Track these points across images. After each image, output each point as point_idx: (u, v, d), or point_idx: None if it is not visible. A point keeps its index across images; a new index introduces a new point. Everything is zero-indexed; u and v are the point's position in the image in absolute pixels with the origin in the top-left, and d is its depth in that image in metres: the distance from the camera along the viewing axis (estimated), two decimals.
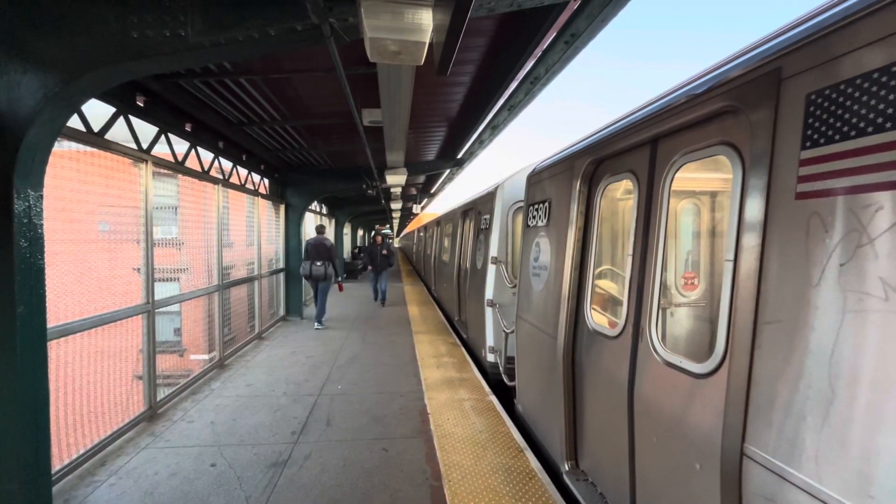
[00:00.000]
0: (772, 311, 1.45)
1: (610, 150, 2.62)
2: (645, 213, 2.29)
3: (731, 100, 1.68)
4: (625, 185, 2.70)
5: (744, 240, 1.57)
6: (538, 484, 3.12)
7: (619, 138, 2.49)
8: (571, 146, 3.26)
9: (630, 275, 2.37)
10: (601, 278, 3.02)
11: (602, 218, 2.87)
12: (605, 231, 3.01)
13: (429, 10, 2.15)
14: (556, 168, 3.41)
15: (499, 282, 5.58)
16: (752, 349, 1.50)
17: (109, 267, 3.98)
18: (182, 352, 6.26)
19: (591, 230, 2.88)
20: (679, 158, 2.07)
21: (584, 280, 2.92)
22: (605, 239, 3.02)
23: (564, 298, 2.99)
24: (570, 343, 2.95)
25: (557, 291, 3.13)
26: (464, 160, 8.94)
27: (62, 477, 3.12)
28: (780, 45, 1.51)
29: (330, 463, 3.42)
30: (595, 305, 2.89)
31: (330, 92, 5.12)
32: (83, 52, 2.33)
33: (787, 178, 1.43)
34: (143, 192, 4.12)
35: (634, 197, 2.39)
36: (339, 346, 6.97)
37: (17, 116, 2.24)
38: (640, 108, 2.38)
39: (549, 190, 3.53)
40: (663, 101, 2.14)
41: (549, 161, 3.66)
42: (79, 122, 3.34)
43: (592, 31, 3.34)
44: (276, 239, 8.78)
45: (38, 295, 2.45)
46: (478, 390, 4.97)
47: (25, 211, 2.32)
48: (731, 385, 1.58)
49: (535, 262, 3.65)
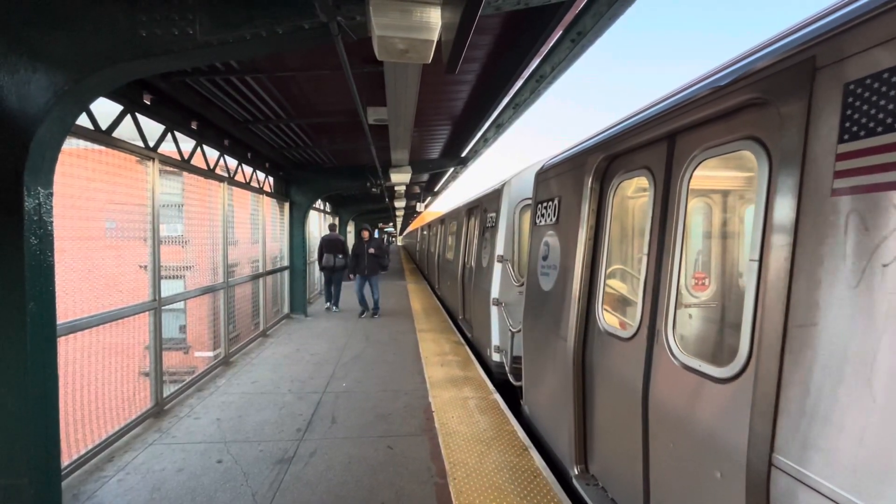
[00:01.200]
0: (805, 314, 1.36)
1: (624, 146, 2.54)
2: (661, 210, 2.22)
3: (758, 92, 1.60)
4: (638, 182, 2.65)
5: (772, 239, 1.49)
6: (543, 482, 3.12)
7: (634, 134, 2.42)
8: (583, 142, 3.19)
9: (645, 275, 2.30)
10: (613, 278, 2.95)
11: (615, 216, 2.79)
12: (618, 230, 2.93)
13: (437, 8, 2.14)
14: (567, 165, 3.32)
15: (505, 280, 5.52)
16: (782, 354, 1.42)
17: (116, 264, 4.00)
18: (187, 349, 6.31)
19: (603, 229, 2.80)
20: (699, 154, 2.00)
21: (595, 280, 2.85)
22: (617, 238, 2.94)
23: (574, 299, 2.91)
24: (580, 344, 2.88)
25: (567, 291, 3.06)
26: (468, 159, 8.92)
27: (71, 472, 3.15)
28: (815, 33, 1.42)
29: (335, 460, 3.44)
30: (607, 306, 2.82)
31: (335, 90, 5.12)
32: (93, 50, 2.34)
33: (821, 174, 1.34)
34: (149, 190, 4.13)
35: (650, 194, 2.32)
36: (344, 343, 6.99)
37: (28, 114, 2.26)
38: (657, 103, 2.31)
39: (558, 187, 3.45)
40: (682, 95, 2.07)
41: (559, 158, 3.58)
42: (87, 119, 3.35)
43: (599, 30, 3.32)
44: (281, 237, 8.81)
45: (48, 292, 2.47)
46: (482, 388, 4.97)
47: (36, 208, 2.34)
48: (757, 391, 1.50)
49: (544, 261, 3.58)
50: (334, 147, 8.04)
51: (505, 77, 4.73)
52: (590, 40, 3.50)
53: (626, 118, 2.64)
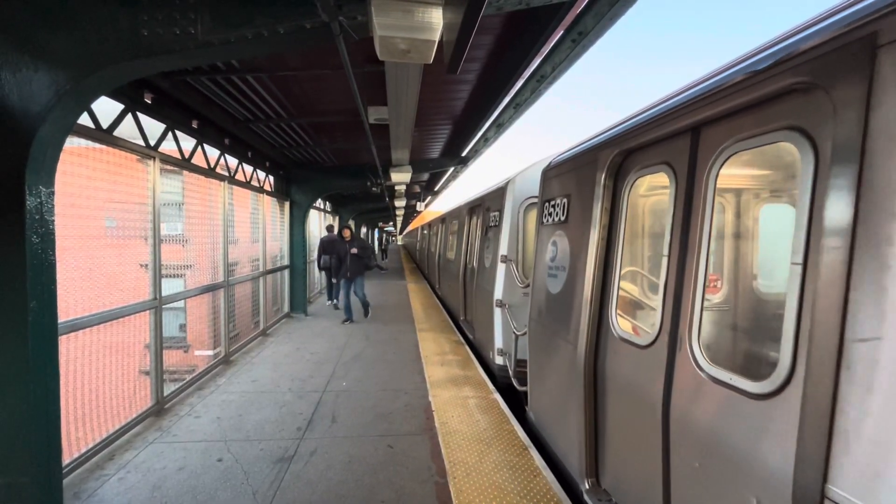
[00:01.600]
0: (869, 326, 1.21)
1: (641, 139, 2.36)
2: (684, 208, 2.06)
3: (803, 75, 1.44)
4: (656, 179, 2.47)
5: (822, 241, 1.34)
6: (542, 481, 3.13)
7: (654, 126, 2.25)
8: (595, 136, 3.03)
9: (665, 277, 2.14)
10: (627, 281, 2.78)
11: (630, 215, 2.62)
12: (633, 229, 2.77)
13: (439, 8, 2.15)
14: (577, 161, 3.15)
15: (509, 281, 5.37)
16: (838, 370, 1.27)
17: (117, 263, 4.01)
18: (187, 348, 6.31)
19: (617, 228, 2.64)
20: (728, 147, 1.83)
21: (608, 282, 2.68)
22: (633, 238, 2.76)
23: (586, 302, 2.75)
24: (591, 350, 2.72)
25: (577, 294, 2.91)
26: (468, 158, 8.92)
27: (72, 470, 3.16)
28: (876, 6, 1.26)
29: (335, 459, 3.45)
30: (621, 310, 2.67)
31: (336, 89, 5.12)
32: (94, 49, 2.35)
33: (886, 167, 1.19)
34: (150, 189, 4.14)
35: (671, 191, 2.16)
36: (344, 342, 7.00)
37: (30, 113, 2.26)
38: (679, 93, 2.15)
39: (568, 185, 3.29)
40: (710, 83, 1.89)
41: (569, 153, 3.41)
42: (88, 118, 3.36)
43: (600, 30, 3.32)
44: (281, 236, 8.82)
45: (50, 290, 2.47)
46: (482, 388, 4.98)
47: (37, 207, 2.34)
48: (806, 411, 1.35)
49: (552, 262, 3.44)
50: (335, 146, 8.04)
51: (506, 77, 4.73)
52: (591, 40, 3.50)
53: (642, 110, 2.48)
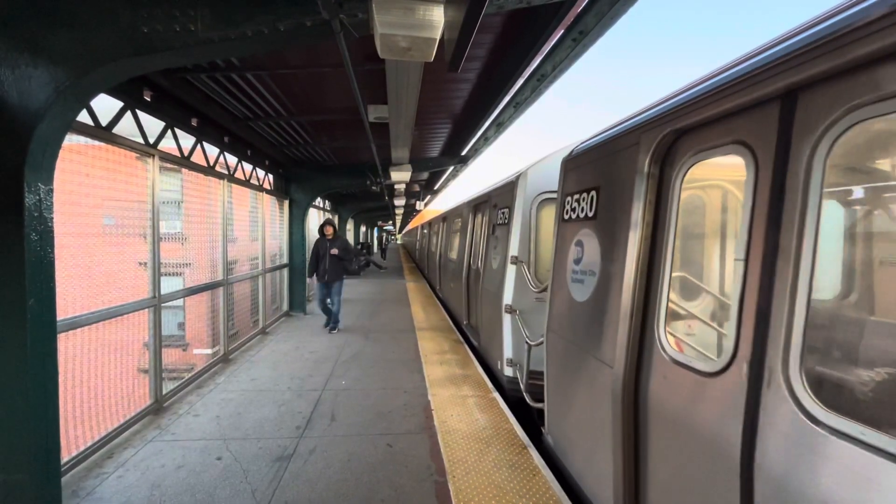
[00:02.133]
0: None
1: (703, 114, 1.91)
2: (770, 200, 1.62)
3: None
4: (717, 164, 2.02)
5: None
6: (542, 480, 3.13)
7: (721, 95, 1.78)
8: (632, 117, 2.59)
9: (742, 287, 1.69)
10: (681, 290, 2.33)
11: (684, 208, 2.15)
12: (690, 226, 2.30)
13: (440, 6, 2.14)
14: (611, 146, 2.69)
15: (519, 285, 4.85)
16: None
17: (116, 261, 4.00)
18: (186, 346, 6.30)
19: (666, 225, 2.16)
20: (847, 115, 1.32)
21: (653, 291, 2.20)
22: (688, 237, 2.30)
23: (625, 315, 2.29)
24: (632, 373, 2.25)
25: (613, 304, 2.45)
26: (468, 157, 8.92)
27: (70, 468, 3.16)
28: None
29: (335, 457, 3.44)
30: (673, 325, 2.20)
31: (336, 88, 5.11)
32: (94, 46, 2.34)
33: None
34: (149, 187, 4.13)
35: (748, 178, 1.71)
36: (343, 341, 7.00)
37: (29, 110, 2.25)
38: (759, 52, 1.68)
39: (597, 175, 2.84)
40: (812, 32, 1.43)
41: (599, 138, 2.95)
42: (87, 116, 3.35)
43: (601, 29, 3.32)
44: (280, 234, 8.81)
45: (48, 288, 2.46)
46: (481, 387, 4.98)
47: (36, 205, 2.33)
48: None
49: (577, 264, 3.00)
50: (334, 145, 8.03)
51: (506, 76, 4.73)
52: (591, 39, 3.50)
53: (700, 80, 2.02)
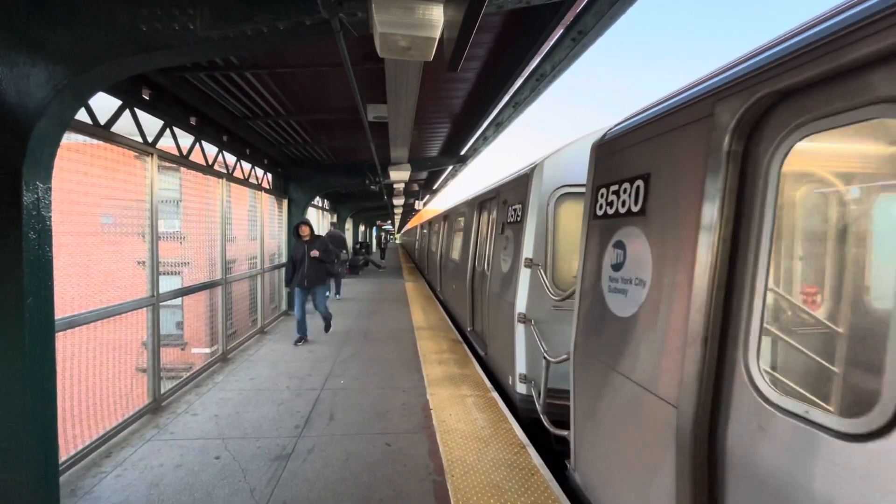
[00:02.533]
0: None
1: (814, 70, 1.38)
2: None
3: None
4: (841, 138, 1.44)
5: None
6: (540, 480, 3.14)
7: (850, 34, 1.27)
8: (700, 83, 1.97)
9: None
10: (782, 311, 1.74)
11: (786, 200, 1.61)
12: (796, 224, 1.71)
13: (440, 5, 2.14)
14: (670, 121, 2.10)
15: (535, 291, 4.28)
16: None
17: (115, 260, 3.99)
18: (184, 345, 6.30)
19: (755, 222, 1.64)
20: None
21: (734, 310, 1.68)
22: (793, 238, 1.72)
23: (694, 339, 1.76)
24: (705, 416, 1.73)
25: (674, 324, 1.93)
26: (467, 157, 8.93)
27: (69, 467, 3.15)
28: None
29: (333, 457, 3.44)
30: (770, 359, 1.67)
31: (335, 87, 5.11)
32: (93, 44, 2.33)
33: None
34: (148, 186, 4.12)
35: None
36: (342, 341, 6.99)
37: (27, 109, 2.25)
38: None
39: (645, 159, 2.29)
40: None
41: (649, 113, 2.35)
42: (85, 114, 3.34)
43: (601, 29, 3.33)
44: (279, 234, 8.80)
45: (47, 287, 2.46)
46: (480, 387, 4.99)
47: (34, 203, 2.33)
48: None
49: (616, 271, 2.49)
50: (333, 144, 8.03)
51: (505, 75, 4.73)
52: (591, 39, 3.51)
53: (806, 26, 1.49)
